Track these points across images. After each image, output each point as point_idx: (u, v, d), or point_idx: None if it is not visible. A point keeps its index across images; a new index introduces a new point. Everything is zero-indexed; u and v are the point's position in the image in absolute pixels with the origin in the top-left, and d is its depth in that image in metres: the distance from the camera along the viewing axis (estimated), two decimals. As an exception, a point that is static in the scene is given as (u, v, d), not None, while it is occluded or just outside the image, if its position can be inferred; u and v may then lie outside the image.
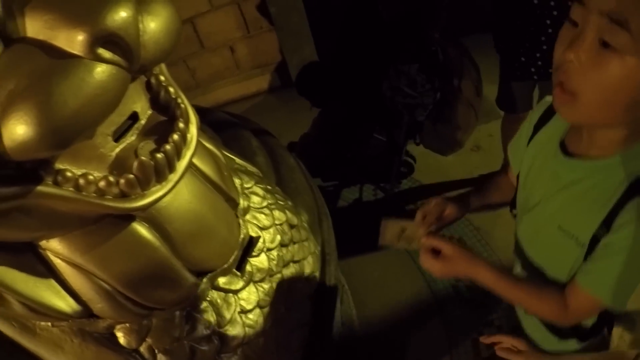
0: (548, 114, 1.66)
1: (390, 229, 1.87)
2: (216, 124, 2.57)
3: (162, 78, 1.47)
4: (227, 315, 1.75)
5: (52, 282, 1.52)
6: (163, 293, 1.62)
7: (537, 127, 1.71)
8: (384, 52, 3.62)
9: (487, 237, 3.92)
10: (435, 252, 1.71)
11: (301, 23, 5.31)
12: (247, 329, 1.80)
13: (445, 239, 1.71)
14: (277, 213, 1.98)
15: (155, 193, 1.36)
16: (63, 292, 1.54)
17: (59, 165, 1.28)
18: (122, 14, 1.12)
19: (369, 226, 3.95)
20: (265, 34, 5.46)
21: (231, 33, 5.39)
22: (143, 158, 1.31)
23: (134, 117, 1.40)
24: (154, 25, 1.24)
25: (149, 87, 1.47)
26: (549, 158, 1.60)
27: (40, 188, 1.24)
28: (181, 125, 1.41)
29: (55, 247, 1.45)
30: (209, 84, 5.53)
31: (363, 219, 4.01)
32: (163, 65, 1.51)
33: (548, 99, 1.70)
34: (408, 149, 4.15)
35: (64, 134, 1.12)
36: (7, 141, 1.11)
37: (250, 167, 2.15)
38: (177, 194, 1.45)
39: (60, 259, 1.48)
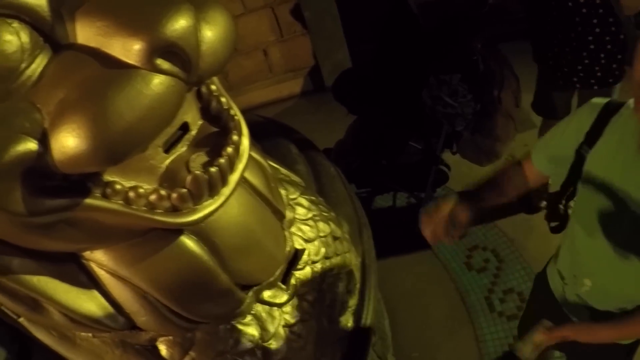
0: (603, 120, 1.64)
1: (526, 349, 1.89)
2: (254, 129, 2.53)
3: (213, 87, 1.43)
4: (271, 329, 1.72)
5: (95, 293, 1.48)
6: (209, 307, 1.58)
7: (593, 135, 1.68)
8: (424, 61, 3.58)
9: (521, 249, 3.89)
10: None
11: (335, 28, 5.29)
12: (290, 342, 1.76)
13: (559, 329, 1.82)
14: (321, 225, 1.94)
15: (208, 207, 1.32)
16: (106, 304, 1.50)
17: (107, 177, 1.24)
18: (182, 23, 1.07)
19: (401, 234, 3.94)
20: (299, 38, 5.44)
21: (264, 36, 5.38)
22: (197, 172, 1.27)
23: (184, 128, 1.36)
24: (211, 34, 1.19)
25: (199, 96, 1.42)
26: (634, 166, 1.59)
27: (88, 201, 1.20)
28: (235, 138, 1.36)
29: (99, 259, 1.42)
30: (241, 87, 5.52)
31: (396, 227, 3.99)
32: (214, 74, 1.47)
33: (596, 101, 1.67)
34: (443, 157, 4.10)
35: (118, 148, 1.08)
36: (57, 154, 1.08)
37: (294, 177, 2.10)
38: (226, 207, 1.39)
39: (105, 270, 1.45)
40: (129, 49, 1.07)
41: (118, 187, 1.23)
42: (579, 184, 1.76)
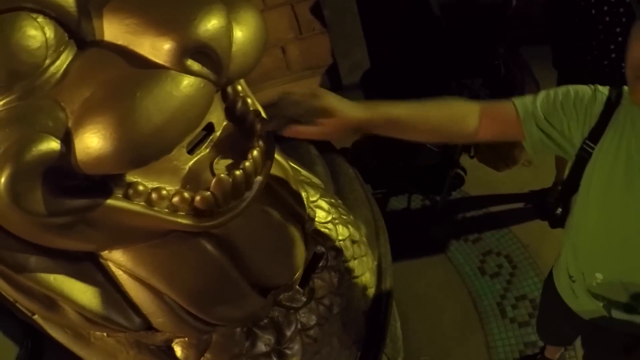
0: (607, 115, 1.59)
1: None
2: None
3: (239, 88, 1.40)
4: (288, 333, 1.70)
5: (112, 293, 1.46)
6: (227, 310, 1.56)
7: (598, 131, 1.60)
8: (445, 64, 3.55)
9: (535, 255, 3.87)
10: None
11: (354, 27, 5.27)
12: (305, 346, 1.75)
13: None
14: (340, 228, 1.92)
15: (230, 211, 1.30)
16: (122, 304, 1.48)
17: (130, 178, 1.22)
18: (215, 23, 1.05)
19: (415, 236, 3.92)
20: (318, 36, 5.42)
21: (283, 33, 5.36)
22: (222, 175, 1.24)
23: (208, 128, 1.33)
24: (241, 35, 1.17)
25: (224, 96, 1.40)
26: None
27: (109, 201, 1.18)
28: (261, 141, 1.34)
29: (117, 259, 1.40)
30: (258, 83, 5.49)
31: (410, 229, 3.98)
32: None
33: (601, 90, 1.64)
34: (460, 160, 4.09)
35: (144, 151, 1.06)
36: (80, 154, 1.06)
37: (314, 179, 2.09)
38: (247, 210, 1.38)
39: (122, 270, 1.43)
40: (158, 49, 1.05)
41: (140, 188, 1.21)
42: (583, 179, 1.71)
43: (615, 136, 1.58)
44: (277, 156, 1.63)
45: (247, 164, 1.28)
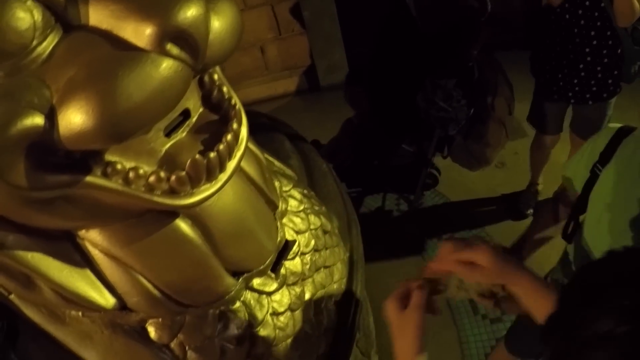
0: (616, 141, 1.71)
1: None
2: (249, 122, 2.54)
3: (215, 77, 1.46)
4: (259, 317, 1.73)
5: (88, 272, 1.50)
6: (200, 291, 1.60)
7: (607, 154, 1.74)
8: (420, 65, 3.61)
9: (507, 254, 3.91)
10: None
11: (333, 28, 5.32)
12: (277, 331, 1.78)
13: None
14: (312, 218, 1.97)
15: (205, 192, 1.35)
16: (98, 284, 1.52)
17: (109, 157, 1.26)
18: (193, 11, 1.11)
19: (389, 234, 3.96)
20: (297, 37, 5.47)
21: (263, 34, 5.40)
22: (197, 156, 1.30)
23: (185, 114, 1.39)
24: (218, 24, 1.23)
25: (201, 84, 1.45)
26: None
27: (89, 179, 1.23)
28: (235, 126, 1.40)
29: (94, 238, 1.44)
30: (236, 82, 5.49)
31: (385, 228, 4.02)
32: (216, 64, 1.49)
33: (612, 125, 1.80)
34: (434, 161, 4.14)
35: (123, 127, 1.12)
36: (63, 129, 1.11)
37: (287, 171, 2.13)
38: (222, 194, 1.43)
39: (99, 249, 1.46)
40: (140, 33, 1.11)
41: (119, 167, 1.26)
42: (590, 200, 1.82)
43: (622, 159, 1.70)
44: (251, 146, 1.69)
45: (221, 147, 1.34)
